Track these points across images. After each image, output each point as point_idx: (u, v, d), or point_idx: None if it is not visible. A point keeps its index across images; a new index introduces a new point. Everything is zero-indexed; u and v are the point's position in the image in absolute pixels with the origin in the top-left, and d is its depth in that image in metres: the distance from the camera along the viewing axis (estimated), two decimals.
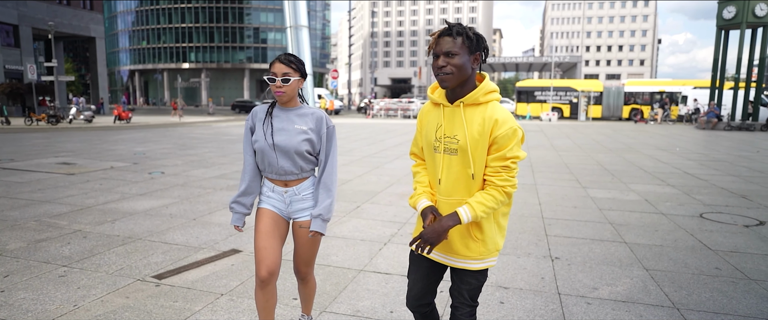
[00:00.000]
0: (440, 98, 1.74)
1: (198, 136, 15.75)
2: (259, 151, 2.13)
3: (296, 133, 2.10)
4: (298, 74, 2.08)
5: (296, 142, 2.09)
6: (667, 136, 17.17)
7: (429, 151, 1.77)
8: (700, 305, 2.93)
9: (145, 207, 5.37)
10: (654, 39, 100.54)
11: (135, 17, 71.52)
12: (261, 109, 2.19)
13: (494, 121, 1.63)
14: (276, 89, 2.06)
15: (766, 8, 19.60)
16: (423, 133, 1.81)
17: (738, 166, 9.19)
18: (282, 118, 2.14)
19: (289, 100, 2.13)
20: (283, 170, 2.12)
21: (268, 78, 2.07)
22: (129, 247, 3.93)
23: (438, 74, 1.63)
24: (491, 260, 1.78)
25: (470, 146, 1.64)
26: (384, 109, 33.91)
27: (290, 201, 2.17)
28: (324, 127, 2.16)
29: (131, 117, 24.11)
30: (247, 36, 68.99)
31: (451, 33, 1.61)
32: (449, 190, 1.72)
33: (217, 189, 6.42)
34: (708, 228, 4.74)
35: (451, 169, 1.70)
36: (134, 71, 73.92)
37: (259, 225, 2.17)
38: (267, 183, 2.22)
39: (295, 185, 2.17)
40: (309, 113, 2.16)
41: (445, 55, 1.60)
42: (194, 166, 8.54)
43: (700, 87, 27.82)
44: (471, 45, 1.61)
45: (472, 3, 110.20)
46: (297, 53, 18.79)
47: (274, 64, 2.07)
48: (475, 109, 1.67)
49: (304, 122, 2.13)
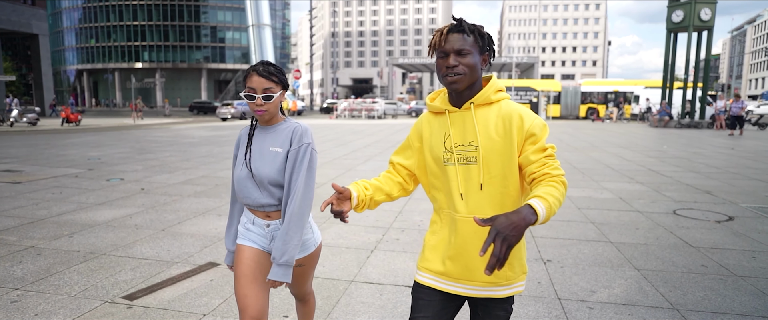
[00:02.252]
0: (444, 103, 1.55)
1: (156, 139, 15.00)
2: (237, 181, 1.82)
3: (271, 157, 1.77)
4: (280, 87, 1.76)
5: (269, 171, 1.75)
6: (625, 134, 17.84)
7: (439, 166, 1.54)
8: (698, 305, 2.93)
9: (106, 217, 4.95)
10: (604, 41, 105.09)
11: (82, 14, 67.72)
12: (243, 131, 1.89)
13: (520, 117, 1.46)
14: (257, 109, 1.73)
15: (710, 13, 20.76)
16: (427, 147, 1.57)
17: (695, 163, 9.60)
18: (260, 139, 1.82)
19: (271, 118, 1.80)
20: (260, 202, 1.79)
21: (246, 95, 1.74)
22: (92, 264, 3.56)
23: (447, 74, 1.44)
24: (519, 284, 1.54)
25: (485, 151, 1.45)
26: (348, 109, 33.64)
27: (272, 236, 1.83)
28: (295, 140, 1.77)
29: (81, 119, 22.75)
30: (204, 35, 66.77)
31: (463, 29, 1.43)
32: (472, 207, 1.47)
33: (184, 196, 6.03)
34: (684, 224, 4.84)
35: (473, 181, 1.47)
36: (82, 71, 70.02)
37: (238, 267, 1.83)
38: (247, 213, 1.88)
39: (279, 218, 1.82)
40: (286, 129, 1.81)
41: (457, 53, 1.43)
42: (156, 172, 8.05)
43: (650, 87, 29.21)
44: (482, 44, 1.46)
45: (432, 4, 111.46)
46: (260, 53, 18.26)
47: (250, 77, 1.73)
48: (488, 109, 1.49)
49: (278, 141, 1.79)
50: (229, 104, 28.74)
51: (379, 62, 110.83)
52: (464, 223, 1.48)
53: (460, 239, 1.49)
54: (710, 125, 21.65)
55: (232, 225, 1.96)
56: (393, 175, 1.66)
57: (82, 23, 67.82)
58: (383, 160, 9.82)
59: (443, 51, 1.45)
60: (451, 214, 1.52)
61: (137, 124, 24.39)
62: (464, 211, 1.48)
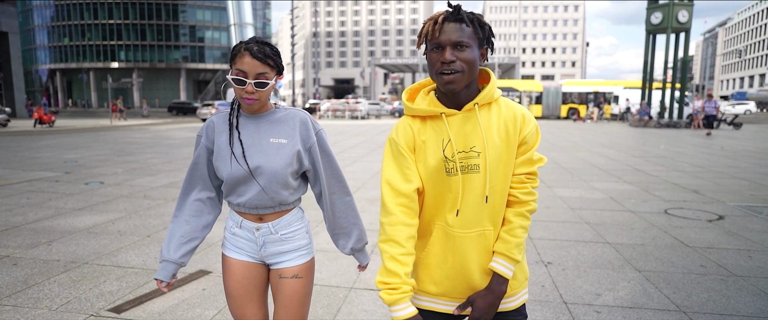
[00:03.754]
0: (435, 104, 1.32)
1: (135, 140, 14.57)
2: (230, 180, 1.52)
3: (275, 151, 1.52)
4: (275, 73, 1.48)
5: (277, 166, 1.50)
6: (607, 134, 18.11)
7: (438, 176, 1.31)
8: (703, 307, 2.90)
9: (87, 223, 4.72)
10: (583, 42, 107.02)
11: (54, 12, 65.70)
12: (219, 121, 1.57)
13: (522, 118, 1.31)
14: (246, 96, 1.44)
15: (688, 15, 21.25)
16: (421, 157, 1.32)
17: (679, 162, 9.75)
18: (250, 129, 1.53)
19: (260, 107, 1.53)
20: (257, 202, 1.53)
21: (234, 78, 1.43)
22: (74, 274, 3.36)
23: (442, 72, 1.22)
24: (525, 292, 1.43)
25: (490, 157, 1.28)
26: (331, 109, 33.41)
27: (263, 242, 1.59)
28: (311, 133, 1.57)
29: (55, 120, 22.02)
30: (183, 34, 65.54)
31: (461, 18, 1.21)
32: (470, 220, 1.30)
33: (168, 200, 5.81)
34: (677, 224, 4.86)
35: (474, 192, 1.29)
36: (55, 70, 67.97)
37: (229, 283, 1.61)
38: (232, 215, 1.62)
39: (272, 220, 1.57)
40: (286, 117, 1.57)
41: (454, 46, 1.21)
42: (137, 175, 7.77)
43: (629, 87, 29.78)
44: (482, 36, 1.25)
45: (414, 4, 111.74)
46: None
47: (241, 57, 1.43)
48: (488, 108, 1.32)
49: (281, 132, 1.54)
50: (210, 104, 28.22)
51: (360, 62, 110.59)
52: (463, 239, 1.32)
53: (458, 256, 1.33)
54: (688, 125, 22.15)
55: (175, 232, 1.59)
56: (411, 213, 1.32)
57: (55, 21, 65.83)
58: (371, 162, 9.70)
59: (438, 43, 1.22)
60: (444, 228, 1.33)
61: (115, 125, 23.73)
62: (461, 226, 1.31)
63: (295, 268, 1.60)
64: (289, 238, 1.60)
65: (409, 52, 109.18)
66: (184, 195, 1.64)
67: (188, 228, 1.60)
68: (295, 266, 1.60)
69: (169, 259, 1.58)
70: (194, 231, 1.61)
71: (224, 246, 1.65)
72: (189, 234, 1.60)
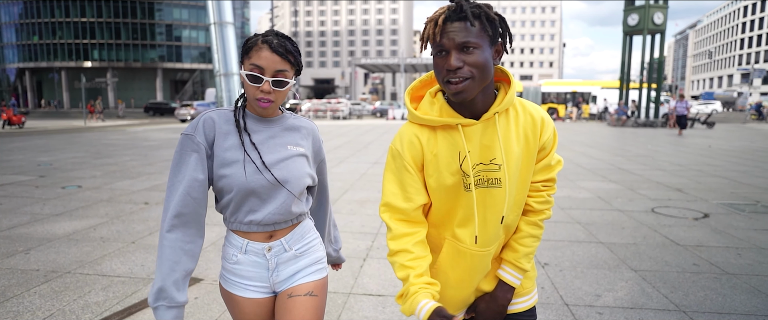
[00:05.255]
0: (447, 113, 1.18)
1: (112, 142, 14.15)
2: (240, 191, 1.26)
3: (294, 157, 1.34)
4: (294, 71, 1.29)
5: (302, 174, 1.34)
6: (587, 133, 18.41)
7: (454, 191, 1.20)
8: (702, 306, 2.92)
9: (67, 230, 4.51)
10: (560, 43, 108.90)
11: (22, 9, 63.42)
12: (221, 119, 1.30)
13: (541, 121, 1.21)
14: (260, 96, 1.24)
15: (663, 17, 21.78)
16: (434, 172, 1.20)
17: (659, 161, 9.95)
18: (263, 134, 1.33)
19: (274, 112, 1.36)
20: (276, 218, 1.30)
21: (249, 74, 1.23)
22: (55, 285, 3.20)
23: (449, 80, 1.08)
24: (535, 293, 1.37)
25: (511, 170, 1.18)
26: (313, 110, 33.14)
27: (276, 264, 1.34)
28: (321, 146, 1.50)
29: (25, 121, 21.26)
30: (159, 33, 64.10)
31: (465, 15, 1.06)
32: (489, 238, 1.22)
33: (152, 204, 5.62)
34: (665, 223, 4.92)
35: (492, 209, 1.19)
36: (24, 70, 65.65)
37: None
38: (234, 238, 1.34)
39: (285, 235, 1.35)
40: (298, 125, 1.41)
41: (460, 49, 1.06)
42: (117, 178, 7.51)
43: (607, 87, 30.38)
44: (493, 32, 1.10)
45: (394, 4, 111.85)
46: (223, 52, 17.56)
47: (257, 50, 1.23)
48: (506, 115, 1.19)
49: (297, 140, 1.38)
50: (189, 105, 27.66)
51: (340, 62, 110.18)
52: (473, 257, 1.23)
53: (467, 273, 1.26)
54: (664, 124, 22.71)
55: (178, 264, 1.23)
56: (413, 224, 1.24)
57: (23, 18, 63.56)
58: (356, 162, 9.61)
59: (441, 47, 1.08)
60: (455, 244, 1.25)
61: (89, 126, 23.04)
62: (473, 243, 1.22)
63: (309, 285, 1.36)
64: (305, 252, 1.39)
65: (390, 52, 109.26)
66: (179, 193, 1.29)
67: (186, 265, 1.32)
68: (310, 282, 1.37)
69: (180, 303, 1.22)
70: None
71: (225, 280, 1.36)
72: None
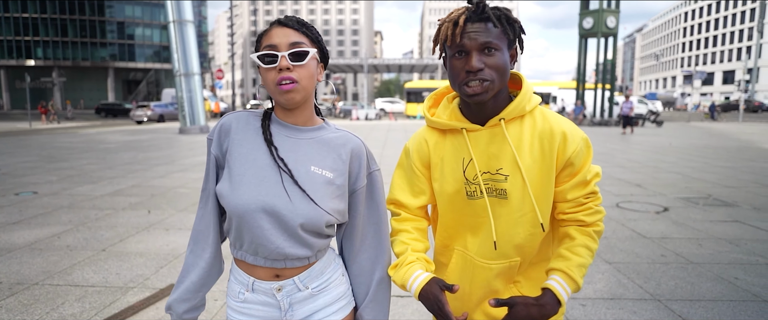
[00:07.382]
0: (455, 117, 1.17)
1: (66, 145, 13.41)
2: (237, 216, 1.05)
3: (321, 184, 1.09)
4: (315, 47, 1.09)
5: (328, 204, 1.08)
6: None
7: (458, 200, 1.18)
8: (674, 294, 3.09)
9: (27, 239, 4.25)
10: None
11: None
12: (240, 124, 1.13)
13: (562, 136, 1.11)
14: (280, 77, 1.02)
15: (615, 21, 22.86)
16: (438, 177, 1.19)
17: (618, 158, 10.43)
18: (286, 147, 1.10)
19: (302, 100, 1.08)
20: (283, 253, 1.07)
21: (262, 54, 1.04)
22: (24, 298, 3.01)
23: (467, 82, 1.05)
24: None
25: (520, 183, 1.12)
26: None
27: (289, 303, 1.14)
28: (363, 172, 1.16)
29: None
30: (110, 31, 61.27)
31: (487, 16, 1.03)
32: (507, 250, 1.16)
33: (118, 210, 5.38)
34: (630, 217, 5.18)
35: (500, 220, 1.15)
36: None
37: None
38: (239, 274, 1.14)
39: (300, 273, 1.12)
40: (337, 141, 1.14)
41: (481, 50, 1.03)
42: (76, 183, 7.14)
43: (564, 88, 31.58)
44: (512, 35, 1.08)
45: (354, 4, 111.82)
46: (183, 52, 16.96)
47: (268, 32, 1.06)
48: (520, 123, 1.14)
49: (327, 160, 1.12)
50: (145, 106, 26.58)
51: None
52: (484, 270, 1.19)
53: (477, 287, 1.22)
54: (617, 123, 23.81)
55: (196, 287, 1.14)
56: (421, 221, 1.27)
57: None
58: None
59: (461, 47, 1.04)
60: (464, 255, 1.22)
61: (35, 128, 21.73)
62: (486, 255, 1.18)
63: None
64: (324, 289, 1.16)
65: (351, 52, 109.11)
66: (206, 204, 1.19)
67: (202, 270, 1.20)
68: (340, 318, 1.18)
69: (178, 314, 1.14)
70: None
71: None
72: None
